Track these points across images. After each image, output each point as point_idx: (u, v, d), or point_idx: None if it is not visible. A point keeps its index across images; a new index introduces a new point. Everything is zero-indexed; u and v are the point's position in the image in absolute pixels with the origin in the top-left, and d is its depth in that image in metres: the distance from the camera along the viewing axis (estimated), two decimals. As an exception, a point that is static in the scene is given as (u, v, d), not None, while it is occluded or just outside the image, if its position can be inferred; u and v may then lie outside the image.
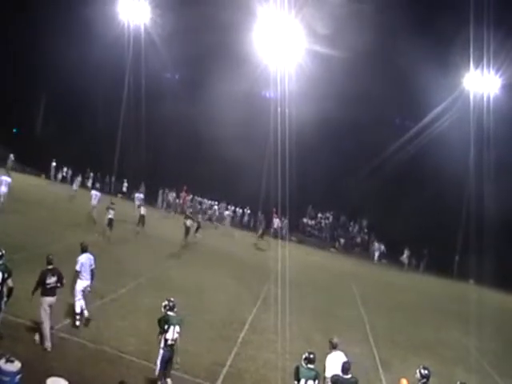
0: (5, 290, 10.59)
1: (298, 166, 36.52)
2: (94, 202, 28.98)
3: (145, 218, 28.22)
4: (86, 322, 12.85)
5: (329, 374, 10.13)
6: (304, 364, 9.44)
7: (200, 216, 33.16)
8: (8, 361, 8.33)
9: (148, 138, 40.53)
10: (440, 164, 36.48)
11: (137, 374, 11.10)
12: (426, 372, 9.58)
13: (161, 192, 42.52)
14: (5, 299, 10.69)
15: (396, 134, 41.32)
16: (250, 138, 38.45)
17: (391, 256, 40.20)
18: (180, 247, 26.57)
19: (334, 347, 10.71)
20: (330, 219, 44.61)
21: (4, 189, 24.82)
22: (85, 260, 12.91)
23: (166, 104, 40.40)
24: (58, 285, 11.54)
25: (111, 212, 25.11)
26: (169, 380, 10.43)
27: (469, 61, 38.75)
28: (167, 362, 10.36)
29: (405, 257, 39.88)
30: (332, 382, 9.40)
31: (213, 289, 19.46)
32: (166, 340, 10.27)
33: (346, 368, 9.47)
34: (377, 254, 40.32)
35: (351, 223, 44.38)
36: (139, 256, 22.24)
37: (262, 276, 22.80)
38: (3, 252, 10.78)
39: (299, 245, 39.89)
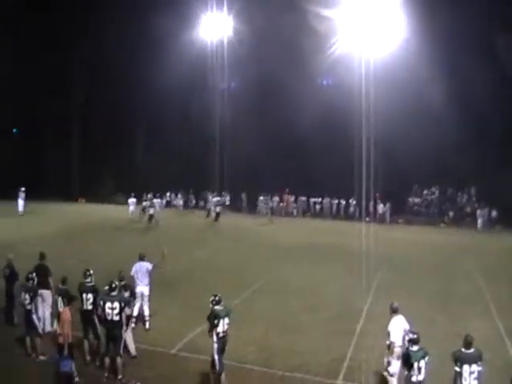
0: (123, 318, 11.45)
1: (391, 148, 36.20)
2: (132, 207, 37.55)
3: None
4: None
5: (393, 338, 10.61)
6: (410, 347, 9.48)
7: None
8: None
9: (238, 148, 41.24)
10: None
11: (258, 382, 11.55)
12: None
13: (262, 199, 43.42)
14: (124, 328, 11.53)
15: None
16: (333, 129, 38.43)
17: (505, 221, 38.39)
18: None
19: (394, 311, 11.06)
20: (437, 193, 43.29)
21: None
22: (139, 267, 14.52)
23: (249, 114, 40.91)
24: None
25: (151, 210, 33.94)
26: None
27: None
28: (222, 354, 10.85)
29: (519, 218, 37.95)
30: (453, 358, 9.22)
31: (325, 284, 19.69)
32: (217, 334, 10.78)
33: (468, 341, 9.25)
34: (480, 221, 38.57)
35: (459, 194, 42.85)
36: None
37: (372, 264, 22.66)
38: (116, 284, 11.74)
39: (407, 226, 39.28)
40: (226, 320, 10.85)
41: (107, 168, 47.86)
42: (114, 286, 11.70)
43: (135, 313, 14.04)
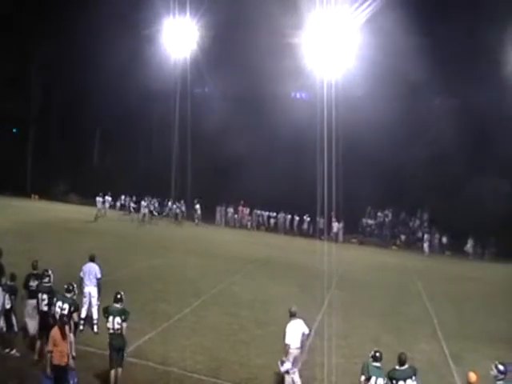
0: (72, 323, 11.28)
1: (350, 168, 36.60)
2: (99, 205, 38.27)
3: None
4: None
5: (288, 340, 11.23)
6: (371, 362, 9.72)
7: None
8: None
9: (196, 157, 41.08)
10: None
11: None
12: (503, 368, 9.26)
13: (218, 209, 43.46)
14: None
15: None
16: (299, 147, 38.76)
17: (455, 247, 39.37)
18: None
19: (292, 315, 11.59)
20: (390, 216, 44.07)
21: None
22: (88, 268, 14.47)
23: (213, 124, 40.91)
24: None
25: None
26: (120, 369, 11.01)
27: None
28: (117, 351, 10.97)
29: (469, 246, 38.99)
30: (388, 376, 9.50)
31: (276, 300, 19.68)
32: (108, 329, 11.07)
33: (402, 359, 9.57)
34: (426, 246, 39.21)
35: (411, 218, 43.73)
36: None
37: (324, 281, 22.82)
38: (74, 286, 11.56)
39: (360, 246, 39.87)
40: (118, 319, 10.93)
41: (62, 166, 47.03)
42: (71, 287, 11.69)
43: (83, 314, 13.86)
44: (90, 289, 14.36)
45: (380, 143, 37.48)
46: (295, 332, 11.46)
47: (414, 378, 9.47)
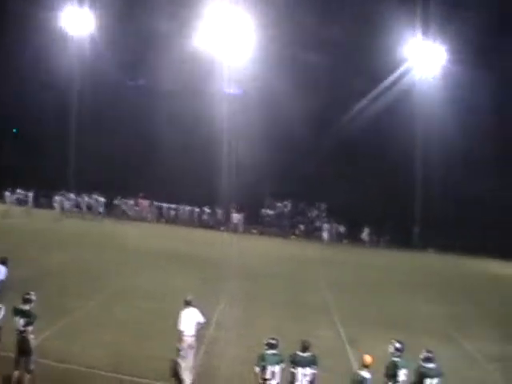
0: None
1: (251, 160, 36.94)
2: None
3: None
4: None
5: (182, 327, 11.54)
6: (267, 350, 9.81)
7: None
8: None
9: (96, 147, 39.74)
10: (391, 138, 37.14)
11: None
12: (400, 345, 9.84)
13: (119, 202, 42.61)
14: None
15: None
16: (200, 140, 38.54)
17: (352, 235, 40.71)
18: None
19: (187, 304, 11.90)
20: (289, 207, 44.77)
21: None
22: None
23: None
24: None
25: None
26: (28, 376, 10.47)
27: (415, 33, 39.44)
28: (23, 355, 10.41)
29: (365, 235, 40.50)
30: (289, 360, 9.70)
31: (178, 292, 19.30)
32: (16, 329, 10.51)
33: (305, 346, 9.81)
34: (325, 235, 40.59)
35: (310, 208, 44.65)
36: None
37: (226, 273, 22.85)
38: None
39: (260, 236, 40.18)
40: (22, 321, 10.43)
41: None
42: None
43: None
44: None
45: (279, 135, 38.00)
46: (189, 320, 11.63)
47: (313, 366, 9.69)
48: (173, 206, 43.32)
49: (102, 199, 40.91)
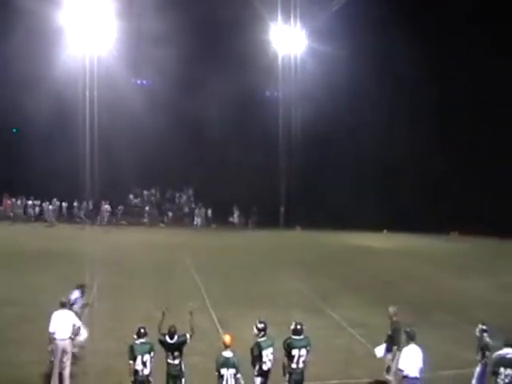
0: None
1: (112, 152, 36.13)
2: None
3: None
4: None
5: (51, 329, 11.11)
6: (136, 340, 9.85)
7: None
8: None
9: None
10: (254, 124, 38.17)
11: None
12: (262, 325, 10.04)
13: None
14: None
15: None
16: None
17: (222, 218, 40.98)
18: None
19: (62, 306, 11.46)
20: (157, 195, 44.15)
21: None
22: None
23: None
24: None
25: None
26: None
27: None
28: None
29: (235, 217, 40.99)
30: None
31: (44, 292, 18.20)
32: None
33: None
34: (197, 220, 40.89)
35: (178, 195, 44.27)
36: None
37: (93, 267, 21.92)
38: None
39: (128, 227, 39.21)
40: None
41: None
42: None
43: None
44: None
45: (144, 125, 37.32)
46: (61, 322, 11.16)
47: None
48: (37, 202, 40.68)
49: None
